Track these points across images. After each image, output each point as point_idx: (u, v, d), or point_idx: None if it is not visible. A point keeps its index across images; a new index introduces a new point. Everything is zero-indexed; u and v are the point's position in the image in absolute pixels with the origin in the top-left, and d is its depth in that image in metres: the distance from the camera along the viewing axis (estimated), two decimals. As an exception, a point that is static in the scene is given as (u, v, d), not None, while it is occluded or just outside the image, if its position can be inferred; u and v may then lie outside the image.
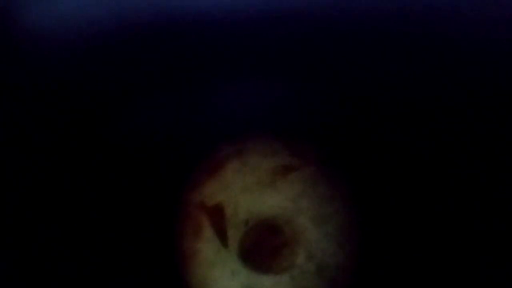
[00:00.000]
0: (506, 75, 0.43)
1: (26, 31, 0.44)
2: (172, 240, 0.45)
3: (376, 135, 0.45)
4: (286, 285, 0.41)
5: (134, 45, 0.45)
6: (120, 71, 0.46)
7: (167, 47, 0.45)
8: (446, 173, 0.44)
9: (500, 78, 0.43)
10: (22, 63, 0.44)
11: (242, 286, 0.41)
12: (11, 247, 0.44)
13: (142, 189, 0.47)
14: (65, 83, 0.45)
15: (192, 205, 0.43)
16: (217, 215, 0.42)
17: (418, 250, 0.44)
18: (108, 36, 0.44)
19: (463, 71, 0.44)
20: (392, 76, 0.45)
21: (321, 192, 0.42)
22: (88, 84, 0.46)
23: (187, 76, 0.46)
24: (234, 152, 0.44)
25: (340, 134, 0.46)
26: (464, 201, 0.44)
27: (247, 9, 0.43)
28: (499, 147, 0.43)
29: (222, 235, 0.42)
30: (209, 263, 0.42)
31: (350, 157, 0.46)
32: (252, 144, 0.44)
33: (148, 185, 0.47)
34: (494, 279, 0.43)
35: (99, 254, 0.46)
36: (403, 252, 0.45)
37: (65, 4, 0.43)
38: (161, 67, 0.46)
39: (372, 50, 0.44)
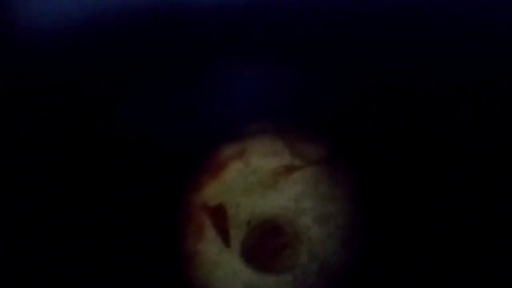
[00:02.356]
0: (507, 74, 0.43)
1: (24, 30, 0.43)
2: (174, 241, 0.45)
3: (379, 134, 0.45)
4: (289, 285, 0.41)
5: (133, 44, 0.45)
6: (119, 70, 0.45)
7: (168, 47, 0.45)
8: (450, 174, 0.44)
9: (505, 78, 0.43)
10: (20, 62, 0.44)
11: (245, 286, 0.41)
12: (11, 247, 0.44)
13: (143, 190, 0.47)
14: (63, 82, 0.45)
15: (194, 206, 0.43)
16: (219, 216, 0.42)
17: (421, 250, 0.44)
18: (107, 34, 0.44)
19: (469, 70, 0.43)
20: (396, 75, 0.44)
21: (323, 192, 0.42)
22: (86, 82, 0.45)
23: (188, 76, 0.46)
24: (235, 153, 0.44)
25: (342, 134, 0.46)
26: (468, 202, 0.44)
27: (249, 2, 0.43)
28: (507, 148, 0.43)
29: (224, 236, 0.42)
30: (211, 264, 0.42)
31: (352, 156, 0.46)
32: (254, 145, 0.44)
33: (149, 186, 0.47)
34: (495, 280, 0.43)
35: (100, 255, 0.46)
36: (405, 252, 0.45)
37: (64, 3, 0.43)
38: (162, 67, 0.46)
39: (377, 49, 0.44)
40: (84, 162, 0.46)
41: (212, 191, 0.43)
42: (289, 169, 0.42)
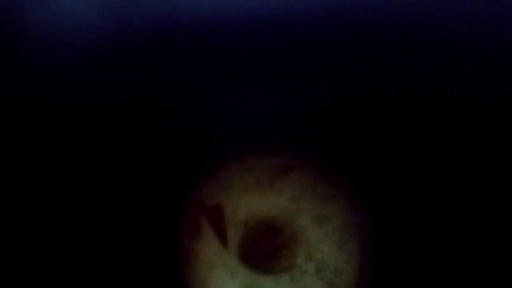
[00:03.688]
0: (506, 74, 0.43)
1: (26, 32, 0.44)
2: (171, 241, 0.45)
3: (376, 134, 0.45)
4: (286, 285, 0.41)
5: (134, 47, 0.45)
6: (120, 73, 0.46)
7: (167, 51, 0.45)
8: (447, 172, 0.44)
9: (502, 79, 0.43)
10: (21, 64, 0.44)
11: (242, 287, 0.41)
12: (11, 247, 0.44)
13: (142, 190, 0.47)
14: (64, 84, 0.45)
15: (192, 206, 0.43)
16: (217, 216, 0.42)
17: (418, 250, 0.44)
18: (109, 38, 0.44)
19: (460, 71, 0.44)
20: (390, 76, 0.45)
21: (321, 193, 0.42)
22: (88, 86, 0.46)
23: (186, 78, 0.46)
24: (233, 153, 0.44)
25: (339, 134, 0.46)
26: (464, 201, 0.44)
27: (245, 13, 0.43)
28: (500, 146, 0.43)
29: (222, 236, 0.42)
30: (208, 264, 0.42)
31: (349, 157, 0.46)
32: (251, 145, 0.44)
33: (147, 185, 0.47)
34: (495, 281, 0.42)
35: (98, 255, 0.46)
36: (402, 252, 0.44)
37: (65, 5, 0.44)
38: (161, 70, 0.46)
39: (369, 51, 0.44)
40: (82, 163, 0.46)
41: (210, 191, 0.43)
42: (286, 169, 0.42)
